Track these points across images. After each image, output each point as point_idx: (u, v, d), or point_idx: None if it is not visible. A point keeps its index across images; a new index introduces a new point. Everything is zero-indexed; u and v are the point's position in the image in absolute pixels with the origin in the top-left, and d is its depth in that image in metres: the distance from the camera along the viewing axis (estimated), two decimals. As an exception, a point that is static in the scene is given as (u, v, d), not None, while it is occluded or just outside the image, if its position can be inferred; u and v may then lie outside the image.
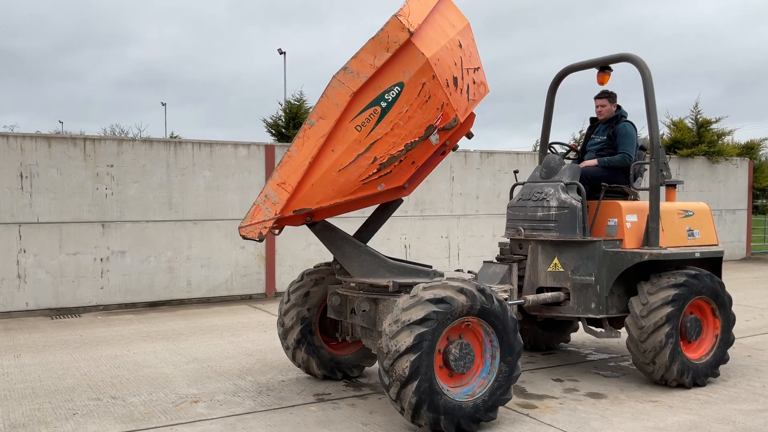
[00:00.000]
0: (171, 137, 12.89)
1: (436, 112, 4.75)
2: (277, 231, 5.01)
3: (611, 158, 6.37)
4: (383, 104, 4.61)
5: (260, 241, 4.84)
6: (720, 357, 5.95)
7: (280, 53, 47.49)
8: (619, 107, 6.67)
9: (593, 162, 6.45)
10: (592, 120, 6.94)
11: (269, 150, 11.13)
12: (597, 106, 6.71)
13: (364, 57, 4.56)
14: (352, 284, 5.42)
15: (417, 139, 4.79)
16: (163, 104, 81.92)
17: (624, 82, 8.31)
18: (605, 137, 6.60)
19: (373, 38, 4.54)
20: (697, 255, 6.04)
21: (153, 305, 10.34)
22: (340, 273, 5.51)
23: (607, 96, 6.63)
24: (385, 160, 4.77)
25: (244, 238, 4.83)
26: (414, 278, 5.21)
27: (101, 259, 9.95)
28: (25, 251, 9.49)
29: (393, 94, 4.60)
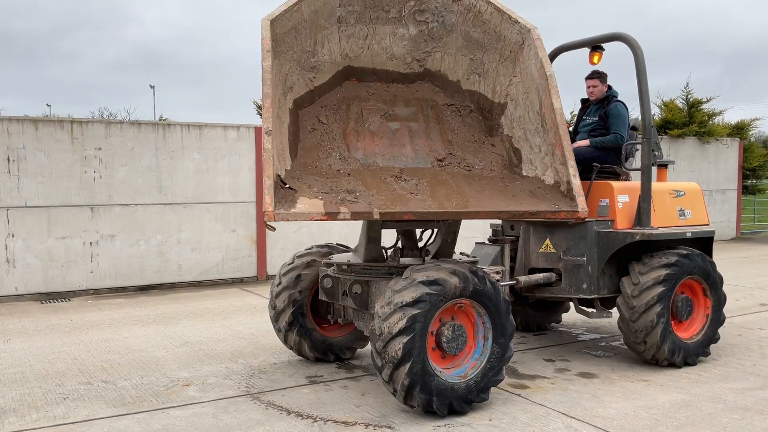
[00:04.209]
0: (160, 120, 12.79)
1: None
2: None
3: (603, 139, 6.35)
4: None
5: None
6: (711, 336, 5.98)
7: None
8: (610, 87, 6.64)
9: (585, 142, 6.43)
10: (584, 101, 6.90)
11: (259, 132, 11.03)
12: (588, 87, 6.67)
13: None
14: (344, 266, 5.40)
15: None
16: (152, 87, 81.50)
17: (617, 62, 8.27)
18: (597, 118, 6.57)
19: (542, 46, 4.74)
20: (689, 235, 6.05)
21: (143, 289, 10.29)
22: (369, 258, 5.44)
23: (599, 76, 6.59)
24: None
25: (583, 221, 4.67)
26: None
27: (90, 243, 9.87)
28: (13, 235, 9.40)
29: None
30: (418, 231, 5.65)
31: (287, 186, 4.64)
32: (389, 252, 5.46)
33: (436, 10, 5.25)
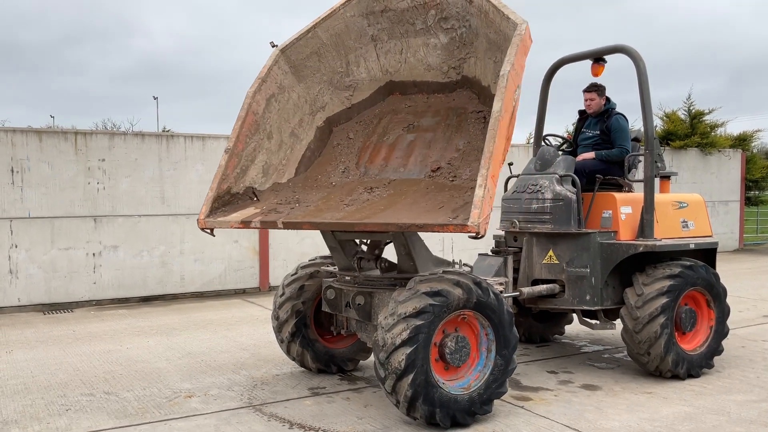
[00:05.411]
0: (163, 131, 12.86)
1: None
2: None
3: (609, 152, 6.35)
4: (514, 103, 4.56)
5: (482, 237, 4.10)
6: (714, 348, 5.96)
7: (272, 46, 47.29)
8: (608, 100, 6.63)
9: (591, 155, 6.41)
10: (581, 112, 6.90)
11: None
12: (586, 100, 6.66)
13: (520, 59, 4.45)
14: (347, 278, 5.40)
15: None
16: (155, 98, 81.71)
17: (619, 74, 8.28)
18: (598, 131, 6.57)
19: (521, 44, 4.42)
20: (692, 246, 6.04)
21: (146, 300, 10.29)
22: (346, 269, 5.44)
23: (596, 89, 6.59)
24: None
25: (478, 236, 3.99)
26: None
27: (93, 254, 9.88)
28: (16, 246, 9.42)
29: (518, 93, 4.64)
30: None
31: (255, 198, 5.18)
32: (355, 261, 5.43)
33: (458, 15, 5.14)
